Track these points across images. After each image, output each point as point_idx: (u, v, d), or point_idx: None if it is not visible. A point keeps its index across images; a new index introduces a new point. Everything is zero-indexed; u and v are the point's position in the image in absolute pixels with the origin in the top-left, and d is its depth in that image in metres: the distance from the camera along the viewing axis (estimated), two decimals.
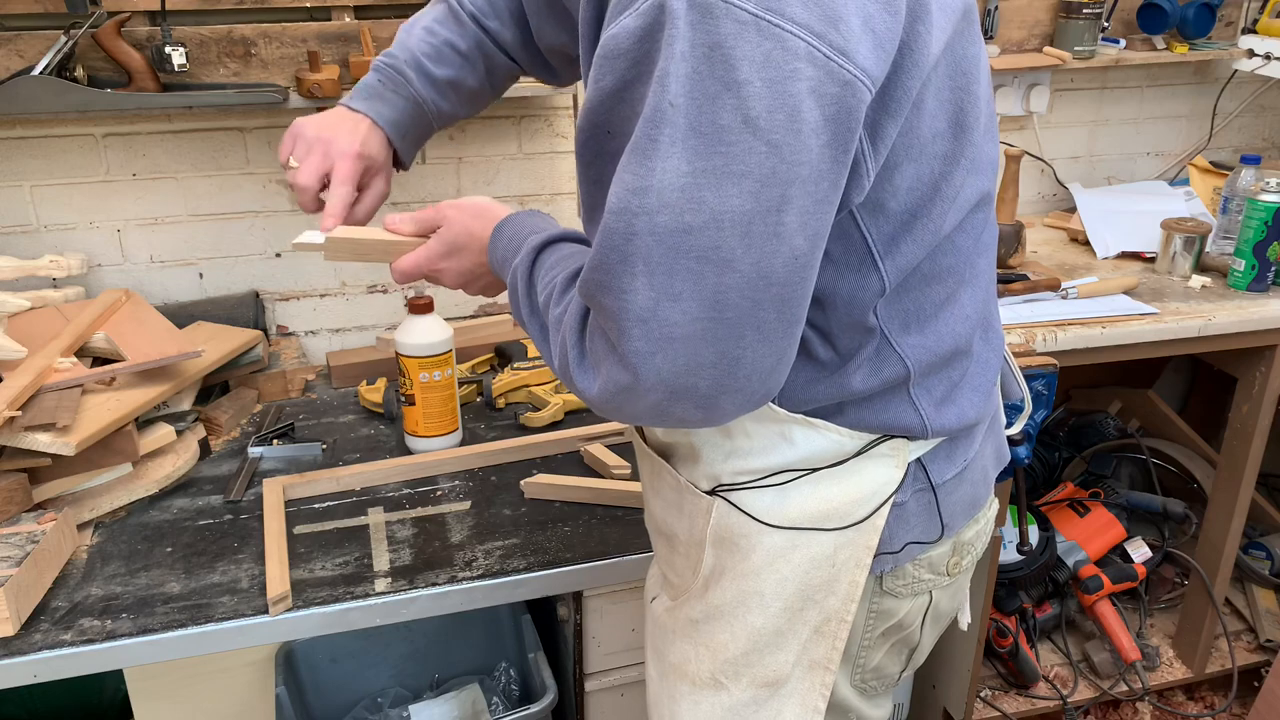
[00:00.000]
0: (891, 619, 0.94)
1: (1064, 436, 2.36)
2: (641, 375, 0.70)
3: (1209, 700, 2.15)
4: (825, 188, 0.67)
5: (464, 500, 1.43)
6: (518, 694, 1.48)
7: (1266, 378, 1.78)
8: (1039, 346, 1.63)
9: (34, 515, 1.28)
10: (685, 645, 0.96)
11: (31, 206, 1.67)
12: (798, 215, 0.66)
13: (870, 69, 0.65)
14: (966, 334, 0.86)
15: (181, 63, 1.55)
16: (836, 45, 0.63)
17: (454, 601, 1.25)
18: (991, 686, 2.03)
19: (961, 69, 0.75)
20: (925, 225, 0.77)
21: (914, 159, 0.74)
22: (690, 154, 0.64)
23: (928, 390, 0.85)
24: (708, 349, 0.69)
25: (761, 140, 0.63)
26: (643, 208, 0.66)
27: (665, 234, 0.66)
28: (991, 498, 1.01)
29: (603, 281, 0.70)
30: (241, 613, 1.19)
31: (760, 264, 0.67)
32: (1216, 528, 1.96)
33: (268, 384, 1.72)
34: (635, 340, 0.69)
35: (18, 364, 1.37)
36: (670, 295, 0.67)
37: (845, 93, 0.64)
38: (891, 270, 0.78)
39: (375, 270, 1.88)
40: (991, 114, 0.85)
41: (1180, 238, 1.87)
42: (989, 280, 0.89)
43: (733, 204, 0.65)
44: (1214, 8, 2.11)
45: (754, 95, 0.63)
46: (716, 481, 0.89)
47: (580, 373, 0.77)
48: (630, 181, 0.67)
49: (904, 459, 0.87)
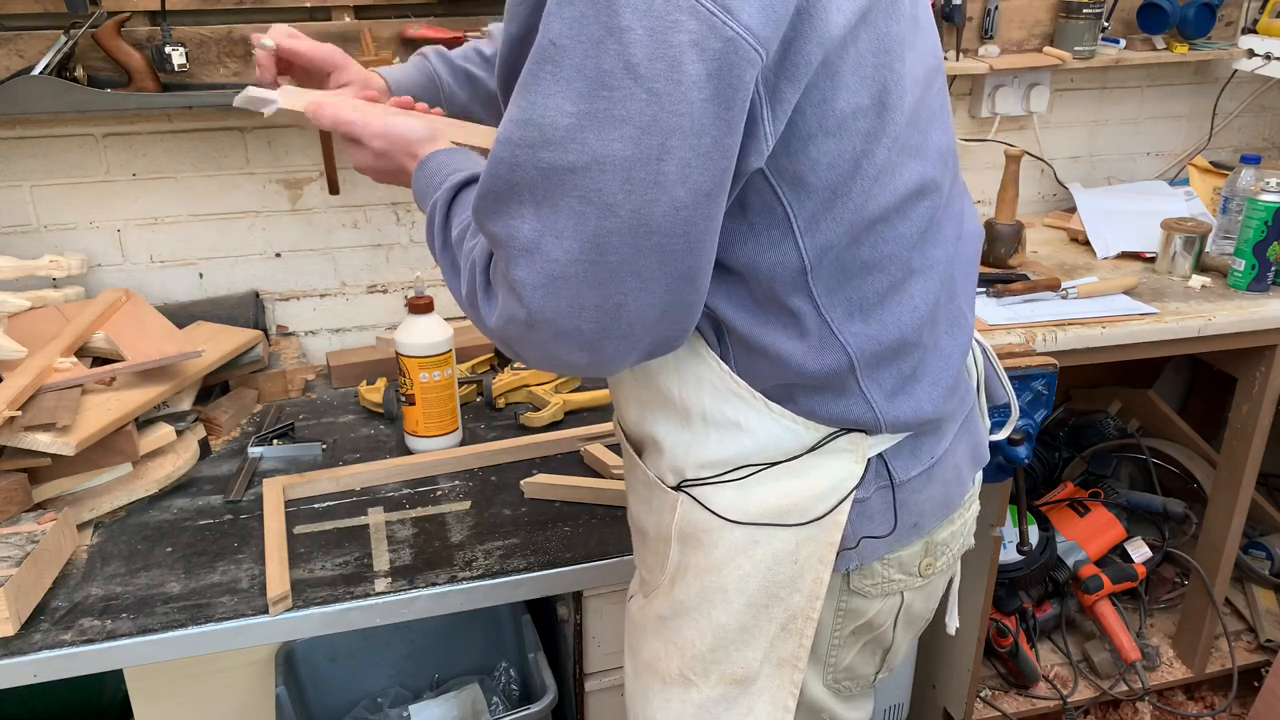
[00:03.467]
0: (861, 618, 0.93)
1: (1064, 436, 2.37)
2: (530, 308, 0.73)
3: (1209, 700, 2.15)
4: (708, 142, 0.68)
5: (464, 500, 1.43)
6: (518, 694, 1.48)
7: (1266, 378, 1.78)
8: (1039, 346, 1.63)
9: (34, 515, 1.28)
10: (655, 642, 0.97)
11: (31, 206, 1.67)
12: (678, 166, 0.68)
13: (756, 29, 0.66)
14: (915, 325, 0.85)
15: (181, 63, 1.55)
16: (720, 1, 0.64)
17: (454, 601, 1.25)
18: (991, 686, 2.03)
19: (884, 46, 0.75)
20: (846, 204, 0.77)
21: (831, 133, 0.74)
22: (575, 95, 0.66)
23: (877, 382, 0.85)
24: (589, 291, 0.71)
25: (642, 87, 0.65)
26: (525, 140, 0.69)
27: (549, 169, 0.69)
28: (970, 498, 1.00)
29: (491, 208, 0.73)
30: (241, 613, 1.19)
31: (640, 211, 0.69)
32: (1216, 528, 1.96)
33: (268, 384, 1.72)
34: (521, 270, 0.72)
35: (18, 364, 1.37)
36: (554, 231, 0.70)
37: (728, 49, 0.65)
38: (810, 248, 0.78)
39: (375, 270, 1.88)
40: (935, 101, 0.84)
41: (1180, 238, 1.87)
42: (946, 273, 0.87)
43: (614, 148, 0.67)
44: (1214, 8, 2.10)
45: (635, 42, 0.64)
46: (681, 476, 0.90)
47: (484, 301, 0.81)
48: (516, 115, 0.69)
49: (863, 454, 0.87)
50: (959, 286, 0.92)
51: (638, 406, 0.93)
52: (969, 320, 0.95)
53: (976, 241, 0.97)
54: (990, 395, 1.08)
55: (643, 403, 0.92)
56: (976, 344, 1.06)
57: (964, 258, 0.93)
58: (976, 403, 1.03)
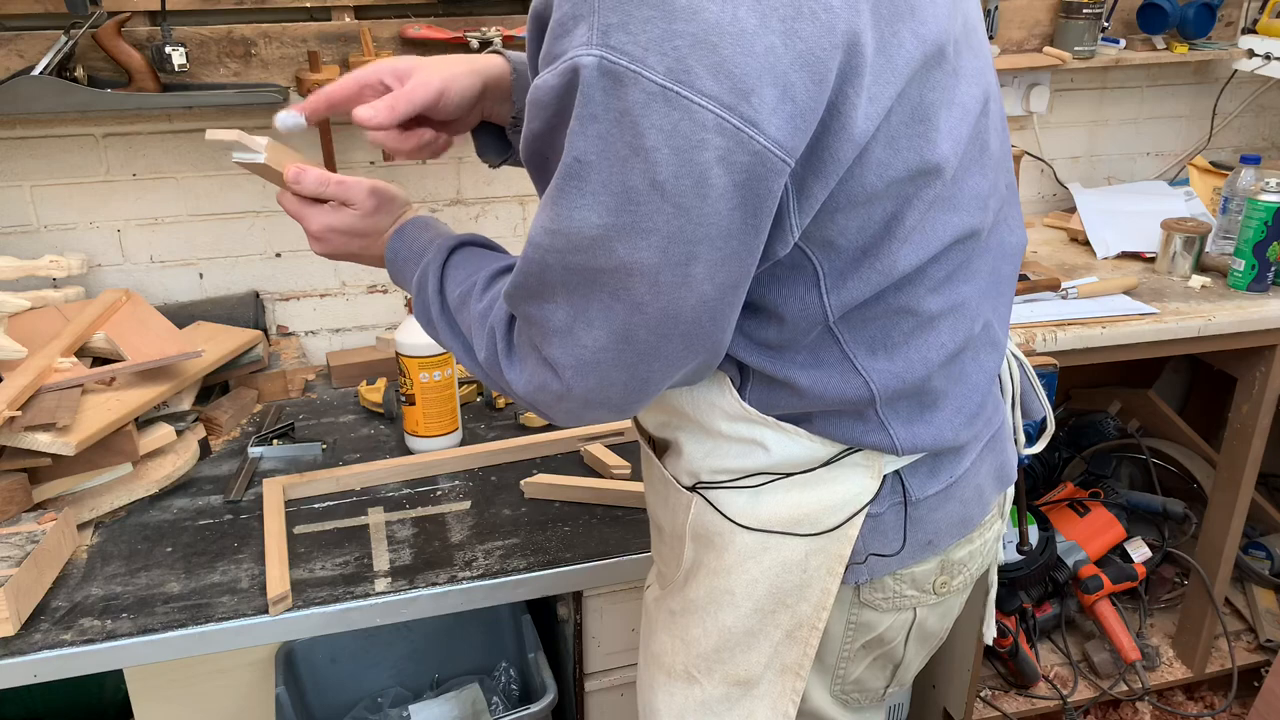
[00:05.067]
0: (872, 632, 0.93)
1: (1064, 436, 2.36)
2: (566, 383, 0.76)
3: (1209, 700, 2.15)
4: (735, 245, 0.68)
5: (464, 500, 1.43)
6: (518, 694, 1.48)
7: (1266, 378, 1.78)
8: (1039, 346, 1.63)
9: (34, 515, 1.28)
10: (664, 636, 0.98)
11: (31, 206, 1.67)
12: (706, 268, 0.69)
13: (783, 140, 0.65)
14: (941, 361, 0.84)
15: (181, 63, 1.55)
16: (746, 117, 0.63)
17: (454, 601, 1.25)
18: (991, 686, 2.03)
19: (919, 116, 0.73)
20: (874, 264, 0.76)
21: (860, 204, 0.73)
22: (602, 209, 0.67)
23: (895, 411, 0.84)
24: (618, 373, 0.74)
25: (669, 203, 0.65)
26: (553, 246, 0.70)
27: (579, 269, 0.70)
28: (992, 518, 0.98)
29: (525, 297, 0.76)
30: (241, 613, 1.19)
31: (668, 308, 0.70)
32: (1216, 528, 1.95)
33: (268, 384, 1.72)
34: (555, 349, 0.75)
35: (18, 364, 1.37)
36: (585, 319, 0.72)
37: (755, 162, 0.65)
38: (835, 304, 0.78)
39: (375, 271, 1.87)
40: (984, 146, 0.81)
41: (1180, 238, 1.87)
42: (976, 308, 0.86)
43: (642, 256, 0.67)
44: (1214, 8, 2.10)
45: (661, 161, 0.64)
46: (696, 478, 0.90)
47: (509, 365, 0.82)
48: (546, 222, 0.70)
49: (879, 470, 0.87)
50: (993, 310, 0.90)
51: (659, 415, 0.93)
52: (1001, 340, 0.93)
53: (1017, 255, 0.93)
54: (1027, 411, 1.06)
55: (663, 414, 0.92)
56: (1013, 357, 1.03)
57: (1001, 277, 0.91)
58: (1009, 420, 1.01)
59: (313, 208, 0.96)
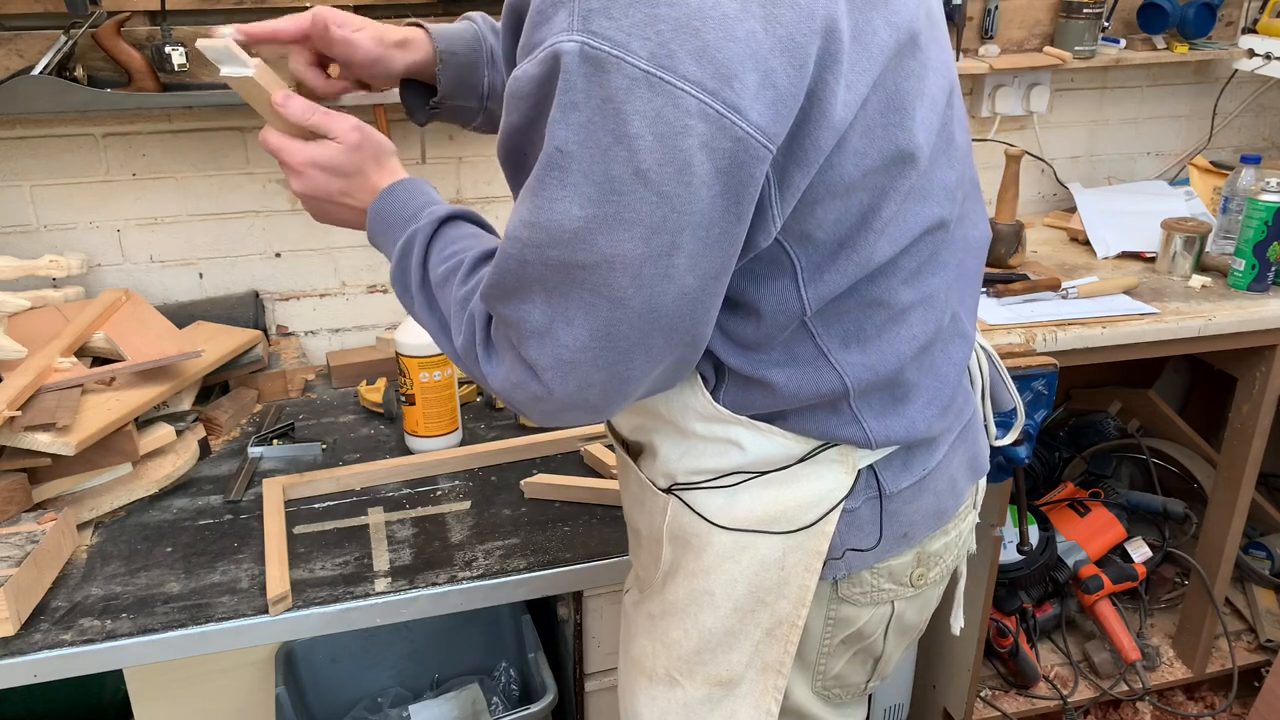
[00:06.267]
0: (850, 627, 0.93)
1: (1064, 436, 2.36)
2: (545, 384, 0.74)
3: (1209, 700, 2.15)
4: (717, 234, 0.68)
5: (464, 500, 1.43)
6: (518, 694, 1.48)
7: (1266, 378, 1.78)
8: (1039, 346, 1.63)
9: (34, 515, 1.28)
10: (644, 640, 0.97)
11: (31, 206, 1.67)
12: (688, 258, 0.68)
13: (766, 126, 0.65)
14: (913, 353, 0.84)
15: (181, 62, 1.55)
16: (729, 102, 0.63)
17: (454, 601, 1.25)
18: (991, 686, 2.03)
19: (894, 105, 0.73)
20: (851, 256, 0.76)
21: (838, 195, 0.73)
22: (583, 200, 0.66)
23: (868, 404, 0.85)
24: (598, 372, 0.73)
25: (652, 191, 0.65)
26: (532, 241, 0.69)
27: (558, 265, 0.69)
28: (966, 509, 0.99)
29: (500, 296, 0.74)
30: (241, 613, 1.19)
31: (650, 301, 0.69)
32: (1216, 528, 1.95)
33: (268, 384, 1.72)
34: (533, 350, 0.74)
35: (18, 364, 1.37)
36: (565, 318, 0.71)
37: (738, 148, 0.64)
38: (812, 298, 0.78)
39: (375, 270, 1.88)
40: (950, 138, 0.82)
41: (1180, 237, 1.87)
42: (945, 300, 0.86)
43: (624, 248, 0.67)
44: (1214, 8, 2.10)
45: (645, 149, 0.63)
46: (672, 480, 0.90)
47: (486, 358, 0.80)
48: (525, 216, 0.69)
49: (853, 465, 0.87)
50: (960, 303, 0.91)
51: (634, 418, 0.93)
52: (969, 332, 0.94)
53: (982, 248, 0.95)
54: (996, 402, 1.07)
55: (638, 417, 0.93)
56: (982, 350, 1.04)
57: (967, 270, 0.92)
58: (979, 412, 1.02)
59: (295, 141, 0.93)
